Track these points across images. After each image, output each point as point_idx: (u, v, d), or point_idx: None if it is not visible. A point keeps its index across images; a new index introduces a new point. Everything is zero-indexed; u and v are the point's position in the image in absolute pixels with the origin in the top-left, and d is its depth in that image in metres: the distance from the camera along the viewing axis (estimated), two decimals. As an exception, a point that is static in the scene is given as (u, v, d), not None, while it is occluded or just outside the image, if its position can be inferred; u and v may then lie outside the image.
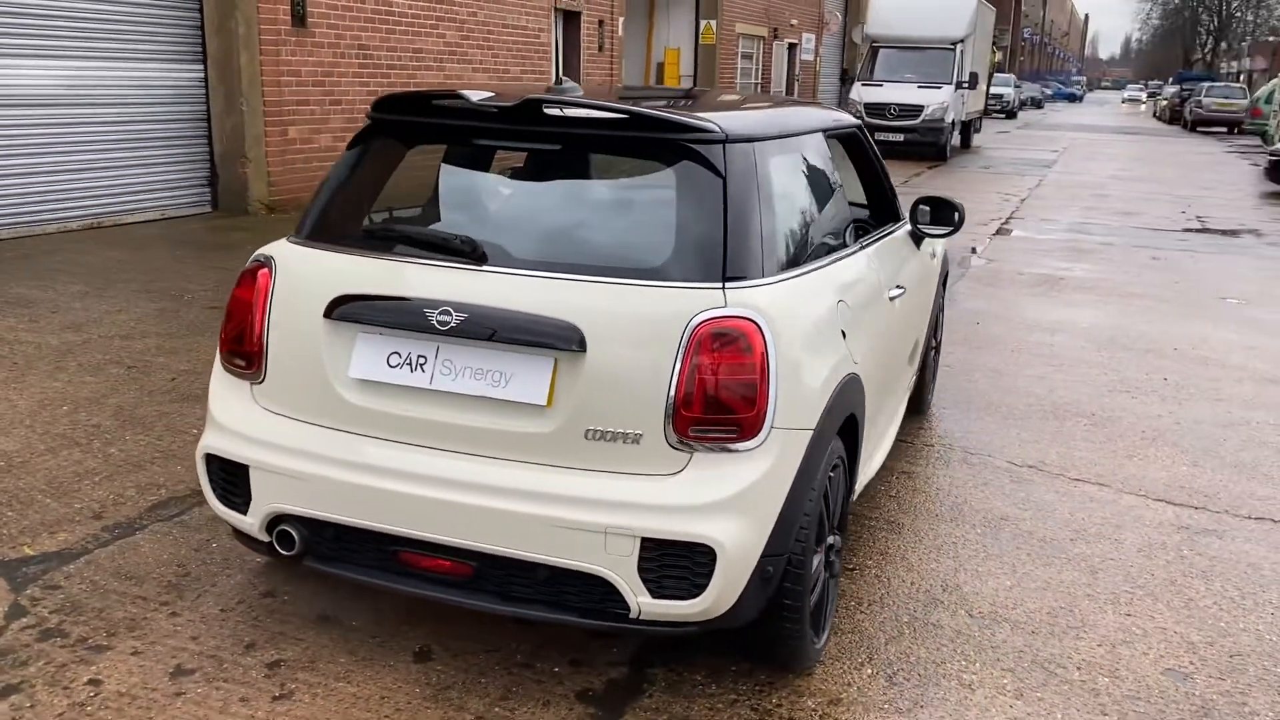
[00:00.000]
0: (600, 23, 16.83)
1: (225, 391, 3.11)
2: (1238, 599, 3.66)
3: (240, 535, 3.40)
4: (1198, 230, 13.23)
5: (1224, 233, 13.15)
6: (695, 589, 2.64)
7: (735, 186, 2.84)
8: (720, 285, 2.71)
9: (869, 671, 3.13)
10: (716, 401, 2.62)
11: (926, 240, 4.70)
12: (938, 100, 21.34)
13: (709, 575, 2.63)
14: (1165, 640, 3.37)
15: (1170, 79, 75.01)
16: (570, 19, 16.14)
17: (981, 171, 20.14)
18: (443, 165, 3.27)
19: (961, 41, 22.61)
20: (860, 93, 22.10)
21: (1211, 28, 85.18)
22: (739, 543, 2.63)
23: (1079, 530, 4.18)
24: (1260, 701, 3.05)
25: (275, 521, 2.96)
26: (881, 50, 23.08)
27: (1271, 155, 18.05)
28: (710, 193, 2.82)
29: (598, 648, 3.18)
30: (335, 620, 3.29)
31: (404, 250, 2.92)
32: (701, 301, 2.67)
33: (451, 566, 2.83)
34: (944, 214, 4.51)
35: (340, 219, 3.16)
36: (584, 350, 2.66)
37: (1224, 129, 38.28)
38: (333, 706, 2.86)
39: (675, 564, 2.63)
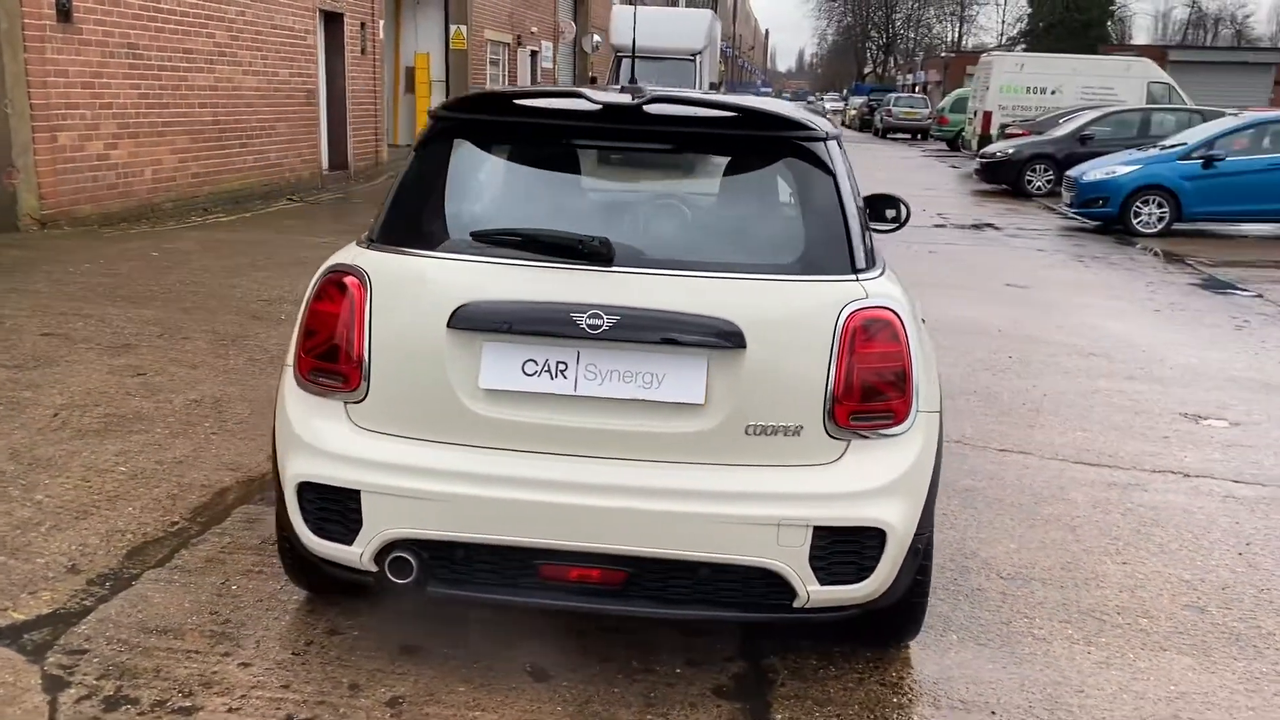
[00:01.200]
0: (362, 25, 16.26)
1: (310, 413, 2.86)
2: (1194, 540, 4.18)
3: (301, 571, 3.15)
4: (945, 226, 14.60)
5: (970, 227, 14.59)
6: (863, 572, 2.73)
7: (841, 183, 2.95)
8: (854, 278, 2.81)
9: (955, 638, 3.33)
10: (873, 389, 2.72)
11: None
12: (684, 108, 22.16)
13: (878, 557, 2.72)
14: (1167, 581, 3.80)
15: (847, 90, 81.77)
16: (333, 20, 15.47)
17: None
18: (534, 167, 3.16)
19: (700, 53, 23.64)
20: (610, 100, 22.53)
21: (881, 43, 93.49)
22: (904, 523, 2.74)
23: (1035, 494, 4.59)
24: (1272, 623, 3.52)
25: (387, 548, 2.76)
26: (625, 61, 23.68)
27: (981, 158, 20.15)
28: (825, 189, 2.92)
29: (703, 646, 3.19)
30: (424, 649, 3.10)
31: (526, 254, 2.80)
32: (846, 294, 2.76)
33: (602, 575, 2.76)
34: (885, 210, 4.77)
35: (430, 224, 2.98)
36: (743, 347, 2.67)
37: (909, 135, 42.12)
38: (483, 736, 2.72)
39: (846, 549, 2.71)
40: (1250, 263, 11.88)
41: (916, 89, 58.34)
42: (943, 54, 64.57)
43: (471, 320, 2.72)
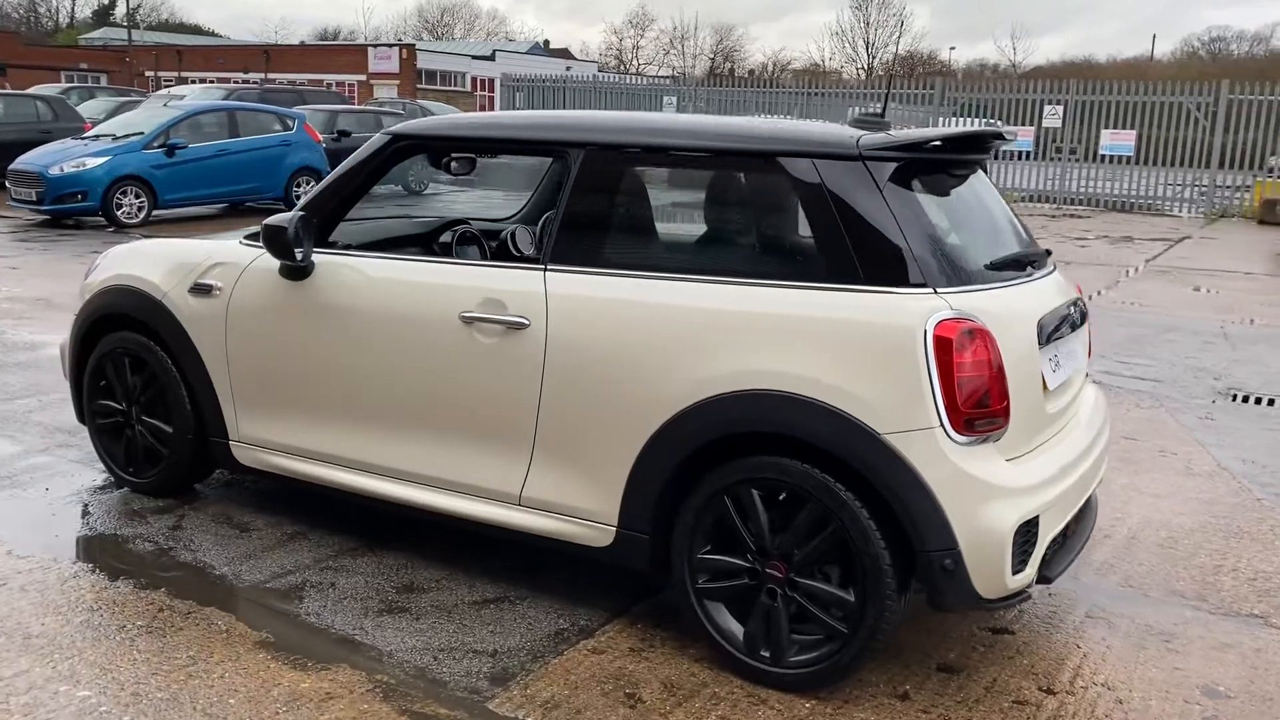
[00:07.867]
0: None
1: (984, 461, 2.99)
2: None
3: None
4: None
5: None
6: None
7: None
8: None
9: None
10: None
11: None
12: None
13: None
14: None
15: None
16: None
17: None
18: (942, 195, 3.40)
19: None
20: None
21: None
22: None
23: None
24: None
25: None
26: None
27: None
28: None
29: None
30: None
31: (1007, 271, 3.34)
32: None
33: (1069, 522, 3.32)
34: None
35: (956, 258, 3.16)
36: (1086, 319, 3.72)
37: None
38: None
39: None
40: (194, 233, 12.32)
41: None
42: None
43: (1044, 334, 3.23)
